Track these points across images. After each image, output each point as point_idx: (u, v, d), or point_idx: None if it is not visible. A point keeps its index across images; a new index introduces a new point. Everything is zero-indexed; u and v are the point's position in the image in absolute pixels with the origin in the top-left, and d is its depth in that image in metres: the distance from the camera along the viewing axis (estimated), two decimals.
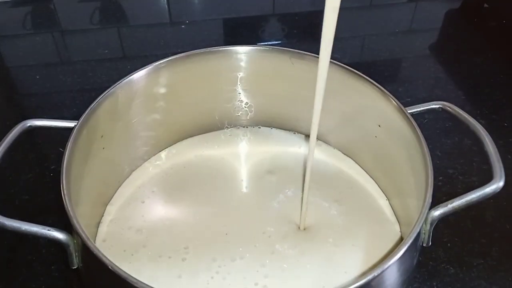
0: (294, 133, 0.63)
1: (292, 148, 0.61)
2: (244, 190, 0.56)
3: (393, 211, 0.53)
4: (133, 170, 0.58)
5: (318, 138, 0.61)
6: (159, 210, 0.54)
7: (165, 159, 0.60)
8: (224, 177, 0.58)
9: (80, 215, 0.41)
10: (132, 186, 0.56)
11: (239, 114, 0.63)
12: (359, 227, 0.52)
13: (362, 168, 0.58)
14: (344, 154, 0.60)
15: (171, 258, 0.49)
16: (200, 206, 0.54)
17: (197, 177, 0.57)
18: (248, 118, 0.63)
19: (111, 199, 0.55)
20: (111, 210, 0.54)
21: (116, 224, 0.52)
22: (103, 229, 0.52)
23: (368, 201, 0.55)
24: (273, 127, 0.64)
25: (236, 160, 0.60)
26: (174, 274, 0.47)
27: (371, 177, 0.57)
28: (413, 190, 0.48)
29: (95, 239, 0.50)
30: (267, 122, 0.64)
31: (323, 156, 0.60)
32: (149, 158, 0.60)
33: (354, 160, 0.59)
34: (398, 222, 0.52)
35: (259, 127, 0.64)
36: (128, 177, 0.57)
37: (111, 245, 0.50)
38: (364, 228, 0.52)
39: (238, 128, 0.64)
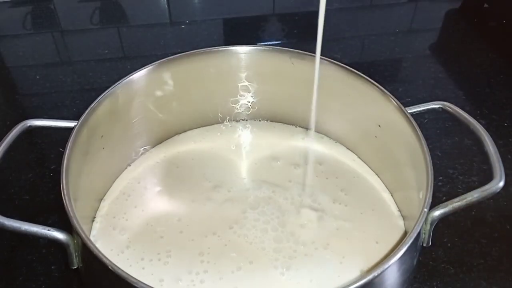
0: (296, 127, 0.63)
1: (293, 141, 0.61)
2: (240, 189, 0.55)
3: (397, 205, 0.53)
4: (129, 165, 0.58)
5: (320, 132, 0.61)
6: (149, 210, 0.53)
7: (162, 156, 0.59)
8: (221, 175, 0.57)
9: (78, 214, 0.41)
10: (125, 183, 0.56)
11: (239, 112, 0.63)
12: (363, 221, 0.52)
13: (365, 164, 0.58)
14: (347, 148, 0.60)
15: (152, 261, 0.48)
16: (187, 207, 0.53)
17: (193, 175, 0.57)
18: (247, 117, 0.63)
19: (105, 195, 0.55)
20: (104, 205, 0.53)
21: (106, 222, 0.52)
22: (95, 226, 0.51)
23: (372, 195, 0.55)
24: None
25: (235, 155, 0.59)
26: (156, 277, 0.47)
27: (374, 172, 0.57)
28: (414, 187, 0.48)
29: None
30: (268, 119, 0.64)
31: (326, 149, 0.60)
32: (145, 153, 0.59)
33: (357, 155, 0.59)
34: (402, 216, 0.52)
35: (260, 120, 0.64)
36: (122, 172, 0.57)
37: (101, 243, 0.50)
38: (368, 223, 0.52)
39: (238, 121, 0.64)
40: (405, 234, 0.50)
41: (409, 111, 0.49)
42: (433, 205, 0.42)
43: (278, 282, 0.47)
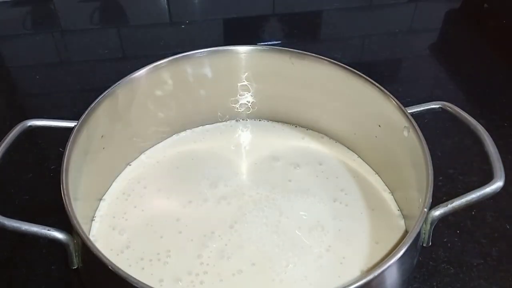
0: (296, 127, 0.63)
1: (293, 141, 0.61)
2: (240, 189, 0.55)
3: (397, 205, 0.53)
4: (129, 165, 0.58)
5: (320, 132, 0.61)
6: (149, 210, 0.53)
7: (162, 156, 0.59)
8: (221, 175, 0.57)
9: (77, 213, 0.41)
10: (124, 183, 0.56)
11: (238, 112, 0.63)
12: (363, 221, 0.52)
13: (366, 163, 0.58)
14: (348, 148, 0.60)
15: (152, 261, 0.48)
16: (186, 207, 0.53)
17: (192, 175, 0.57)
18: (247, 116, 0.63)
19: (104, 195, 0.55)
20: (104, 205, 0.53)
21: (105, 222, 0.52)
22: (95, 226, 0.51)
23: (372, 194, 0.55)
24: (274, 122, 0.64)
25: (235, 155, 0.59)
26: (156, 278, 0.47)
27: (374, 171, 0.57)
28: (414, 186, 0.48)
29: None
30: (268, 119, 0.64)
31: (326, 149, 0.60)
32: (145, 153, 0.59)
33: (357, 154, 0.59)
34: (402, 215, 0.52)
35: (260, 120, 0.64)
36: (122, 172, 0.57)
37: (100, 243, 0.50)
38: (368, 223, 0.52)
39: (238, 120, 0.64)
40: (405, 233, 0.50)
41: (409, 111, 0.49)
42: (433, 205, 0.42)
43: (277, 283, 0.47)
